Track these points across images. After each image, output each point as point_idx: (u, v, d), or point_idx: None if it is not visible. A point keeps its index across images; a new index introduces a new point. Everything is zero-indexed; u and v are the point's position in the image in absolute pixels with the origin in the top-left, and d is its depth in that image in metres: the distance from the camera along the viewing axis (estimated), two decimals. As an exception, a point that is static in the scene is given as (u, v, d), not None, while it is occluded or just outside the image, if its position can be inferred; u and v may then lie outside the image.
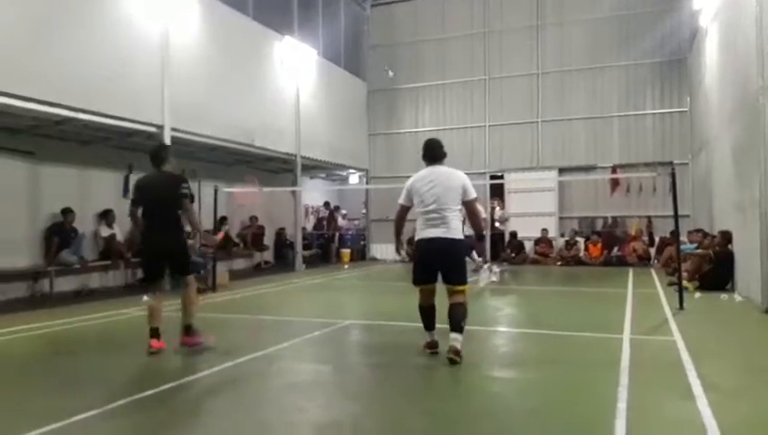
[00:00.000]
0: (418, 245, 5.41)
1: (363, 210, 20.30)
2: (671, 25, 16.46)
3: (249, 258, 16.10)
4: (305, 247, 16.83)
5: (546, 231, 17.22)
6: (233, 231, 15.24)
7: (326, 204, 19.60)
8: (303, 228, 17.19)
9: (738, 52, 9.56)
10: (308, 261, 16.48)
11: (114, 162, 11.81)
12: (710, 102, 12.86)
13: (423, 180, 5.43)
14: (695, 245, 11.78)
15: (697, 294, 9.61)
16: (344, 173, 20.75)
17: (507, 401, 4.26)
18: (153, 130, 10.73)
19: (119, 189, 11.98)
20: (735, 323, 7.47)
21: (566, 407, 4.08)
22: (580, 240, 16.80)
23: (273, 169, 16.53)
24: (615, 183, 16.83)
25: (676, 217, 8.78)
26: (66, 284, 10.65)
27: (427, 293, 5.46)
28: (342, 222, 19.45)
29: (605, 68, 17.46)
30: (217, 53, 12.60)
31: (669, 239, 14.20)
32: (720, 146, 11.53)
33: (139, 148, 11.81)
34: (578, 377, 4.84)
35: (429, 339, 5.53)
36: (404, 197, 5.53)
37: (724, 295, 9.39)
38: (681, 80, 16.69)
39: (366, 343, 6.63)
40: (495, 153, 18.59)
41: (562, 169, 17.77)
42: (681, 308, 8.10)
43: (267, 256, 16.59)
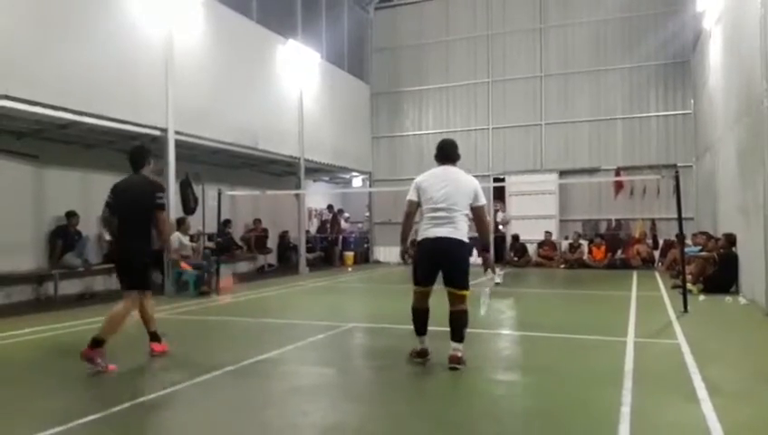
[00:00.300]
0: (422, 244, 5.18)
1: (366, 213, 20.31)
2: (674, 28, 16.43)
3: (252, 261, 16.12)
4: (309, 250, 16.84)
5: (550, 234, 17.20)
6: (236, 234, 15.28)
7: (329, 207, 19.61)
8: (307, 231, 17.21)
9: (742, 54, 9.54)
10: (311, 264, 16.49)
11: (118, 166, 11.69)
12: (714, 105, 12.84)
13: (435, 178, 5.24)
14: (699, 247, 11.75)
15: (702, 297, 9.58)
16: (347, 176, 20.76)
17: (510, 404, 4.25)
18: (157, 133, 10.76)
19: (122, 193, 12.01)
20: (740, 325, 7.44)
21: (570, 410, 4.07)
22: (584, 243, 16.76)
23: (277, 171, 16.55)
24: (619, 186, 16.79)
25: (680, 219, 8.76)
26: (70, 287, 10.67)
27: (424, 295, 5.22)
28: (345, 225, 19.45)
29: (608, 70, 17.45)
30: (221, 56, 12.64)
31: (672, 241, 14.17)
32: (724, 148, 11.50)
33: (143, 151, 11.86)
34: (582, 380, 4.83)
35: (420, 347, 5.27)
36: (414, 193, 5.28)
37: (728, 298, 9.36)
38: (685, 82, 16.66)
39: (369, 346, 6.62)
40: (499, 156, 18.59)
41: (563, 172, 17.76)
42: (685, 311, 8.07)
43: (270, 258, 16.60)
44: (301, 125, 15.55)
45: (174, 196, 11.46)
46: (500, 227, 18.40)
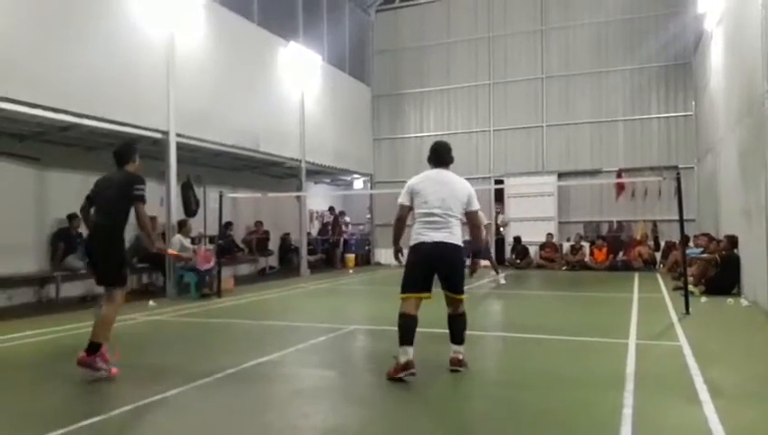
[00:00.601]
0: (418, 249, 4.96)
1: (368, 215, 20.30)
2: (675, 29, 16.43)
3: (254, 263, 16.12)
4: (310, 252, 16.84)
5: (551, 236, 17.19)
6: (238, 236, 15.28)
7: (331, 209, 19.62)
8: (308, 233, 17.21)
9: (743, 55, 9.53)
10: (312, 266, 16.49)
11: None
12: (715, 106, 12.83)
13: (429, 181, 5.07)
14: (700, 249, 11.74)
15: (703, 299, 9.56)
16: (349, 178, 20.77)
17: (512, 406, 4.24)
18: (158, 135, 10.77)
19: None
20: (742, 327, 7.43)
21: (572, 412, 4.06)
22: (586, 245, 16.75)
23: (278, 174, 16.56)
24: (620, 187, 16.78)
25: (681, 221, 8.75)
26: (72, 289, 10.67)
27: (415, 302, 4.92)
28: (346, 229, 19.43)
29: (609, 72, 17.45)
30: (222, 58, 12.65)
31: (674, 243, 14.17)
32: (726, 150, 11.49)
33: (145, 154, 11.75)
34: (584, 382, 4.82)
35: (406, 358, 4.75)
36: (406, 197, 5.09)
37: (730, 300, 9.34)
38: (686, 84, 16.66)
39: (371, 349, 6.62)
40: (500, 158, 18.59)
41: (565, 174, 17.75)
42: (687, 313, 8.07)
43: (272, 261, 16.60)
44: (302, 127, 15.56)
45: (175, 198, 11.47)
46: (500, 229, 18.45)
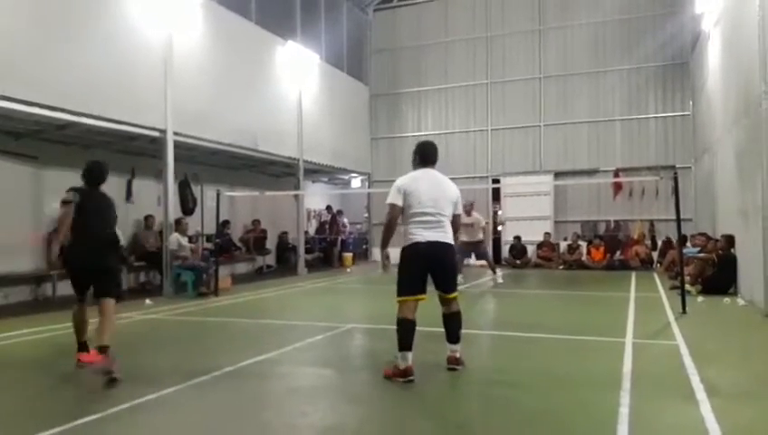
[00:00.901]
0: (413, 249, 4.88)
1: (365, 214, 20.29)
2: (673, 29, 16.46)
3: (251, 262, 16.11)
4: (307, 251, 16.82)
5: (549, 235, 17.21)
6: (235, 235, 15.27)
7: (328, 208, 19.61)
8: (306, 232, 17.19)
9: (741, 56, 9.55)
10: (310, 265, 16.48)
11: (117, 167, 11.80)
12: (713, 106, 12.86)
13: (420, 181, 4.99)
14: (697, 248, 11.76)
15: (700, 298, 9.58)
16: (346, 177, 20.76)
17: (510, 404, 4.25)
18: (156, 134, 10.75)
19: (121, 193, 12.02)
20: (738, 327, 7.45)
21: (569, 411, 4.07)
22: (583, 244, 16.77)
23: (276, 172, 16.55)
24: (617, 187, 16.81)
25: (678, 221, 8.77)
26: (68, 288, 10.53)
27: (414, 305, 4.83)
28: (343, 229, 19.40)
29: (607, 72, 17.47)
30: (220, 57, 12.63)
31: (670, 240, 14.20)
32: (723, 150, 11.52)
33: (142, 152, 11.87)
34: (580, 381, 4.83)
35: (406, 364, 4.70)
36: (397, 197, 4.97)
37: (726, 299, 9.36)
38: (684, 83, 16.69)
39: (368, 348, 6.63)
40: (498, 157, 18.60)
41: (562, 174, 17.77)
42: (684, 312, 8.08)
43: (269, 259, 16.59)
44: (300, 126, 15.55)
45: (173, 196, 11.46)
46: (498, 227, 18.49)
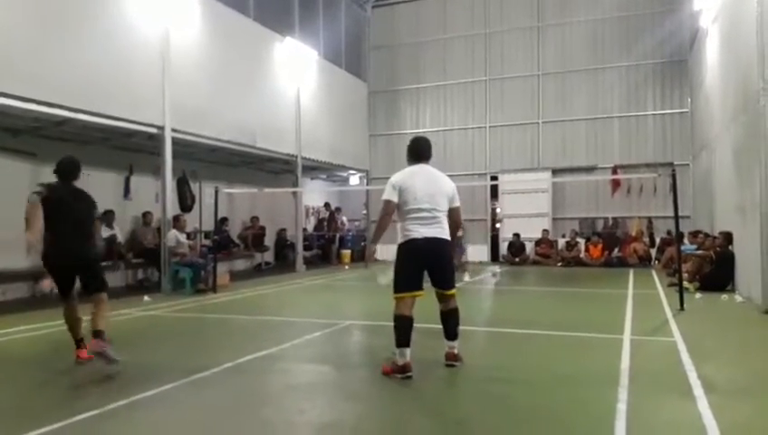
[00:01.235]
0: (410, 245, 4.86)
1: (364, 211, 20.29)
2: (671, 26, 16.48)
3: (249, 259, 16.11)
4: (306, 248, 16.82)
5: (547, 232, 17.23)
6: (234, 232, 15.26)
7: (327, 205, 19.60)
8: (304, 229, 17.19)
9: (739, 53, 9.55)
10: (308, 262, 16.47)
11: (115, 163, 11.83)
12: (711, 103, 12.86)
13: (416, 177, 4.95)
14: (695, 246, 11.78)
15: (698, 295, 9.60)
16: (345, 174, 20.74)
17: (508, 401, 4.25)
18: (154, 130, 10.73)
19: (119, 190, 12.02)
20: (736, 324, 7.46)
21: (567, 407, 4.07)
22: (581, 241, 16.80)
23: (274, 169, 16.54)
24: (616, 184, 16.83)
25: (676, 218, 8.77)
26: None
27: (411, 302, 4.83)
28: (342, 226, 19.38)
29: (606, 69, 17.48)
30: (218, 53, 12.61)
31: (669, 239, 14.22)
32: (721, 147, 11.53)
33: (140, 149, 11.84)
34: (578, 378, 4.83)
35: (404, 361, 4.71)
36: (393, 193, 4.92)
37: (724, 296, 9.38)
38: (682, 81, 16.71)
39: (366, 344, 6.63)
40: (496, 154, 18.61)
41: (560, 171, 17.78)
42: (682, 309, 8.09)
43: (268, 256, 16.59)
44: (298, 123, 15.53)
45: (171, 193, 11.45)
46: (497, 225, 18.52)
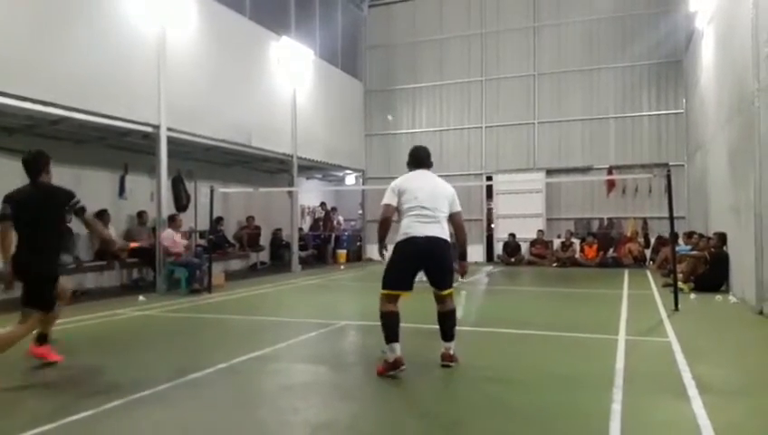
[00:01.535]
0: (408, 244, 4.92)
1: (360, 211, 20.29)
2: (667, 27, 16.51)
3: (245, 259, 16.07)
4: (301, 248, 16.81)
5: (542, 232, 17.26)
6: (229, 232, 15.23)
7: (322, 204, 19.59)
8: (300, 229, 17.18)
9: (734, 54, 9.59)
10: (304, 262, 16.46)
11: (110, 162, 11.79)
12: (706, 104, 12.90)
13: (417, 181, 5.12)
14: (690, 246, 11.82)
15: (692, 296, 9.64)
16: (341, 174, 20.74)
17: (502, 401, 4.26)
18: (149, 129, 10.70)
19: (114, 189, 11.99)
20: (730, 324, 7.49)
21: (561, 408, 4.08)
22: (576, 241, 16.83)
23: (270, 169, 16.51)
24: (611, 184, 16.86)
25: (671, 218, 8.79)
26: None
27: (395, 298, 4.93)
28: (338, 226, 19.39)
29: (601, 70, 17.51)
30: (214, 52, 12.58)
31: (665, 240, 14.25)
32: (715, 148, 11.56)
33: (135, 148, 11.81)
34: (573, 378, 4.84)
35: (395, 356, 4.74)
36: (392, 197, 5.10)
37: (718, 297, 9.42)
38: (677, 81, 16.75)
39: (361, 344, 6.62)
40: (492, 154, 18.62)
41: (555, 171, 17.81)
42: (676, 309, 8.13)
43: (263, 256, 16.56)
44: (294, 122, 15.52)
45: (166, 193, 11.42)
46: (492, 225, 18.53)
